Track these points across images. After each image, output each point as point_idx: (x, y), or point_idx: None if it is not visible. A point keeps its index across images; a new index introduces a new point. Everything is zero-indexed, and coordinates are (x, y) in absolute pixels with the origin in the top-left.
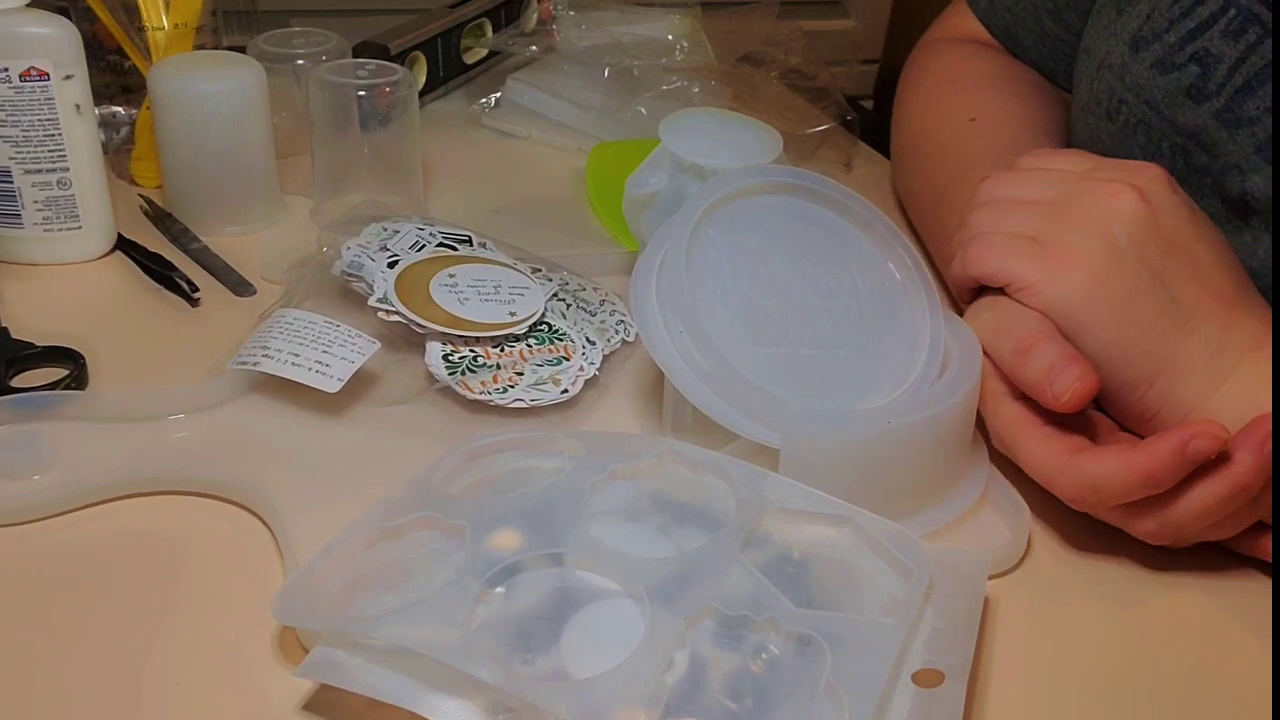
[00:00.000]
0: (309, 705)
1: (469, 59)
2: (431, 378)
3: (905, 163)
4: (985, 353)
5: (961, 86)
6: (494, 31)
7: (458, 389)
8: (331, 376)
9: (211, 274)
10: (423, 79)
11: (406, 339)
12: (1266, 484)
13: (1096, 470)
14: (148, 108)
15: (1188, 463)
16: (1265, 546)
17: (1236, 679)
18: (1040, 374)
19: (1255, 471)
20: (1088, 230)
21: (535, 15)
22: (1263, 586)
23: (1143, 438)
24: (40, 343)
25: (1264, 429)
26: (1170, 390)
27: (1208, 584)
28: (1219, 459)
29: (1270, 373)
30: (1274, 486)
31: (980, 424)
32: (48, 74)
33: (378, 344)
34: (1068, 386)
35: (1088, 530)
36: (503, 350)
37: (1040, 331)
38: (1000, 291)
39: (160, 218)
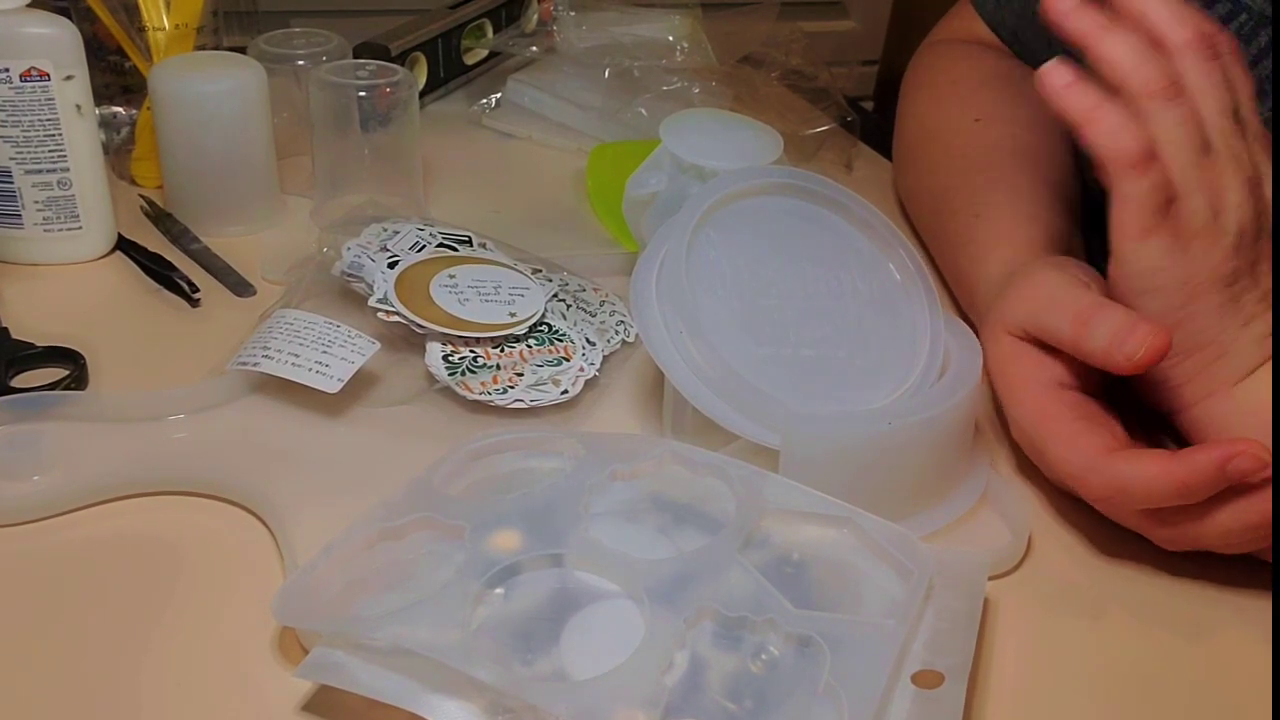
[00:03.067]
0: (308, 706)
1: (469, 60)
2: (431, 378)
3: (908, 163)
4: (1024, 338)
5: (966, 87)
6: (494, 32)
7: (458, 389)
8: (331, 377)
9: (212, 274)
10: (423, 80)
11: (407, 339)
12: None
13: (1130, 472)
14: (148, 108)
15: (1226, 480)
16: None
17: (1236, 680)
18: (1107, 339)
19: None
20: (1210, 204)
21: (535, 16)
22: (1263, 588)
23: (1159, 410)
24: (40, 343)
25: None
26: (1204, 368)
27: (1208, 586)
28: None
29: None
30: (1274, 488)
31: (980, 424)
32: (48, 74)
33: (378, 344)
34: (1141, 343)
35: (1088, 532)
36: (503, 351)
37: (1096, 301)
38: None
39: (160, 218)
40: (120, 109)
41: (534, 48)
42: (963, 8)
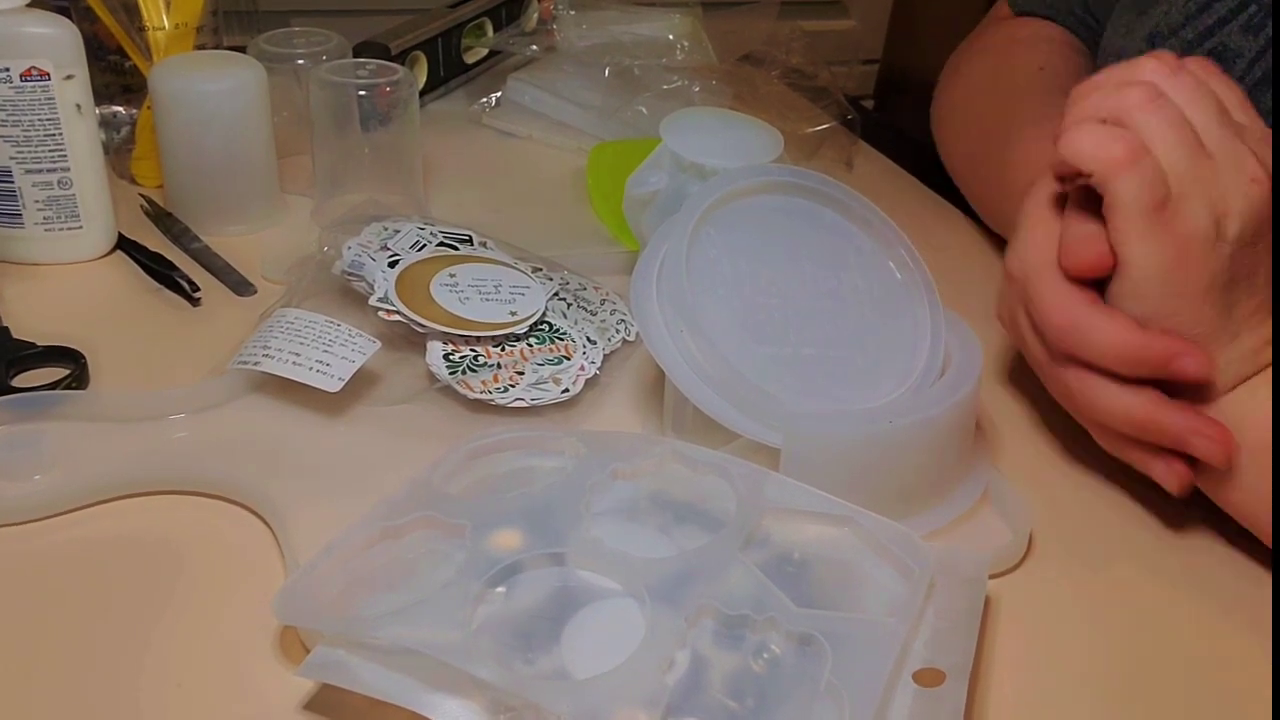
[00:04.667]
0: (310, 705)
1: (469, 58)
2: (432, 377)
3: (967, 107)
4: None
5: (1027, 45)
6: (494, 31)
7: (458, 388)
8: (332, 376)
9: (212, 274)
10: (423, 79)
11: (407, 338)
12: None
13: (1097, 319)
14: (148, 107)
15: (1169, 369)
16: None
17: (1236, 678)
18: (1062, 241)
19: None
20: (1211, 209)
21: (536, 15)
22: (1263, 586)
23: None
24: (41, 342)
25: None
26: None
27: (1207, 583)
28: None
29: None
30: (1274, 484)
31: (980, 423)
32: (48, 74)
33: (378, 343)
34: (1069, 259)
35: (1088, 530)
36: (503, 350)
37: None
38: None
39: (161, 217)
40: (120, 108)
41: (534, 46)
42: (1000, 10)
